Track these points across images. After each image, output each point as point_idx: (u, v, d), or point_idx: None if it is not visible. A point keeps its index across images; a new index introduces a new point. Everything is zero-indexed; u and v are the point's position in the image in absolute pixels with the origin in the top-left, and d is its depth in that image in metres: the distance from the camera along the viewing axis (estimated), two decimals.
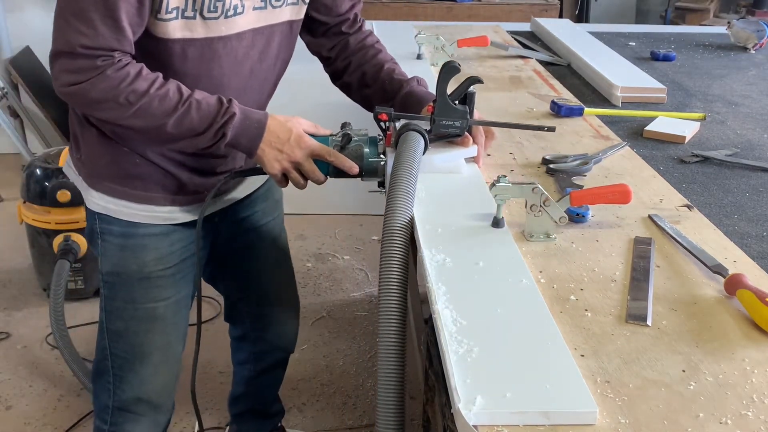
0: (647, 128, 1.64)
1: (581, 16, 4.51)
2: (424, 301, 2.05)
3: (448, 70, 1.29)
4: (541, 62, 2.24)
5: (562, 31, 2.55)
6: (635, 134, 1.64)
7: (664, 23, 4.32)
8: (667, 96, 1.90)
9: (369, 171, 1.35)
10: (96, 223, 1.43)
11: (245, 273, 1.71)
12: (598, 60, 2.13)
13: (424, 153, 1.26)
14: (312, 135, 1.33)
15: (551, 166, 1.38)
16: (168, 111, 1.22)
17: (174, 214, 1.43)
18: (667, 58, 2.34)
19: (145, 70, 1.22)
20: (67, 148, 2.83)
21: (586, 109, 1.71)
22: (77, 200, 2.75)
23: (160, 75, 1.23)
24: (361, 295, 3.01)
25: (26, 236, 2.88)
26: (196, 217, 1.44)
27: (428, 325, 1.23)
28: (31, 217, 2.78)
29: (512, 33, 2.63)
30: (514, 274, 1.00)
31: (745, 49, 2.51)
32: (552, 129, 1.44)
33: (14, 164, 4.17)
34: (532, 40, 2.61)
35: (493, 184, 1.10)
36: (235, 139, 1.27)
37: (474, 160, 1.37)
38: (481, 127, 1.38)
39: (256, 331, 1.82)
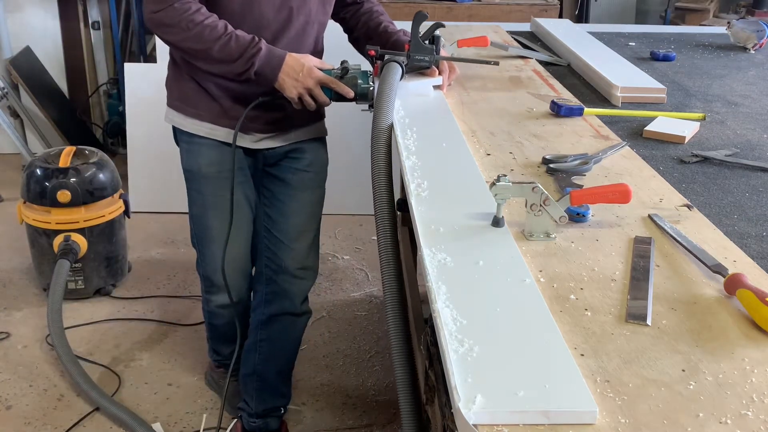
0: (647, 128, 1.64)
1: (581, 16, 4.51)
2: (424, 300, 2.06)
3: (419, 17, 1.71)
4: (541, 62, 2.24)
5: (562, 31, 2.55)
6: (635, 134, 1.64)
7: (664, 23, 4.32)
8: (666, 96, 1.90)
9: (361, 95, 1.75)
10: (174, 131, 1.94)
11: (277, 207, 1.99)
12: (598, 60, 2.13)
13: (401, 79, 1.66)
14: (319, 68, 1.72)
15: (551, 165, 1.37)
16: (215, 38, 1.64)
17: (216, 131, 1.83)
18: (666, 58, 2.34)
19: (204, 9, 1.66)
20: (67, 148, 2.87)
21: (586, 109, 1.71)
22: (77, 200, 2.76)
23: (215, 15, 1.67)
24: (361, 295, 3.01)
25: (26, 236, 2.88)
26: (250, 144, 1.87)
27: (428, 324, 1.23)
28: (31, 217, 2.79)
29: (512, 33, 2.63)
30: (514, 274, 1.00)
31: (744, 49, 2.51)
32: (496, 63, 1.89)
33: (14, 164, 4.17)
34: (532, 40, 2.61)
35: (493, 184, 1.10)
36: (261, 68, 1.67)
37: (440, 87, 1.80)
38: (445, 62, 1.81)
39: (269, 270, 2.02)
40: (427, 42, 1.74)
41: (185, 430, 2.24)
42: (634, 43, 2.57)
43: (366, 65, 1.80)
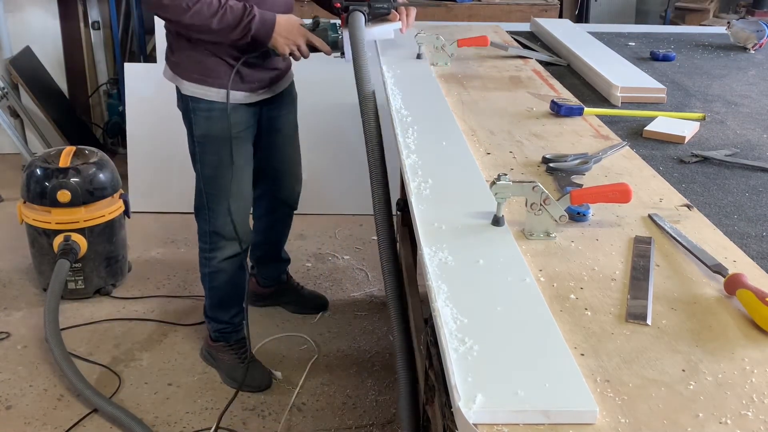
0: (647, 128, 1.64)
1: (581, 16, 4.51)
2: (424, 300, 2.05)
3: None
4: (541, 62, 2.24)
5: (562, 31, 2.55)
6: (635, 134, 1.64)
7: (664, 23, 4.32)
8: (666, 96, 1.90)
9: (332, 44, 2.03)
10: (189, 103, 2.12)
11: (272, 144, 2.39)
12: (598, 60, 2.13)
13: (365, 25, 1.85)
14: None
15: (551, 165, 1.37)
16: (213, 12, 1.88)
17: (236, 96, 2.10)
18: (666, 58, 2.34)
19: None
20: (67, 148, 2.87)
21: (586, 109, 1.71)
22: (77, 200, 2.75)
23: None
24: (361, 295, 3.01)
25: (26, 236, 2.88)
26: (251, 100, 2.17)
27: (428, 324, 1.23)
28: (31, 217, 2.78)
29: (512, 33, 2.63)
30: (514, 273, 1.00)
31: (744, 49, 2.51)
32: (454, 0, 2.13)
33: (14, 164, 4.17)
34: (532, 40, 2.61)
35: (493, 183, 1.10)
36: (256, 32, 1.94)
37: (400, 31, 2.04)
38: (403, 8, 2.05)
39: (272, 190, 2.52)
40: None
41: (185, 430, 2.24)
42: (634, 43, 2.57)
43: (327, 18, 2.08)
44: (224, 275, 2.34)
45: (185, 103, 2.14)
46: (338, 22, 2.03)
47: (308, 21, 2.04)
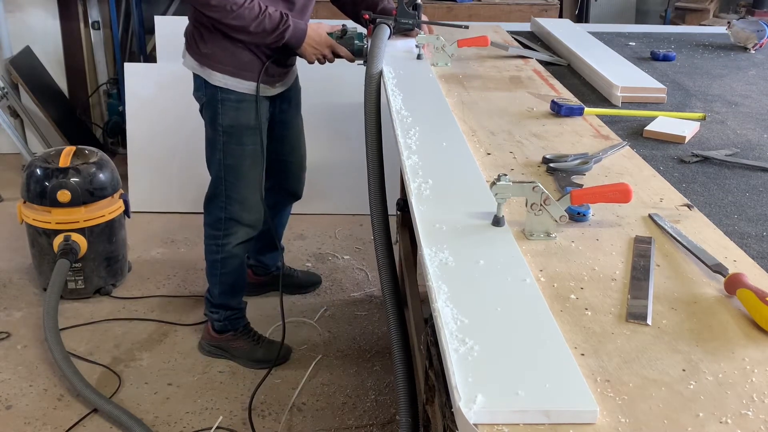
0: (647, 128, 1.64)
1: (581, 16, 4.51)
2: (424, 300, 2.05)
3: None
4: (541, 62, 2.24)
5: (562, 31, 2.55)
6: (635, 134, 1.64)
7: (664, 23, 4.32)
8: (667, 96, 1.89)
9: (357, 52, 2.20)
10: (218, 94, 2.22)
11: (283, 137, 2.52)
12: (598, 60, 2.13)
13: (389, 38, 2.06)
14: (328, 32, 2.19)
15: (551, 165, 1.37)
16: (253, 17, 2.05)
17: (263, 89, 2.25)
18: (667, 58, 2.34)
19: None
20: (67, 148, 2.87)
21: (586, 109, 1.71)
22: (77, 200, 2.75)
23: None
24: (361, 295, 3.01)
25: (26, 236, 2.88)
26: (272, 93, 2.33)
27: (428, 324, 1.23)
28: (31, 217, 2.79)
29: (512, 33, 2.63)
30: (514, 273, 1.00)
31: (745, 49, 2.51)
32: (466, 27, 2.33)
33: (14, 164, 4.17)
34: (532, 40, 2.61)
35: (493, 183, 1.09)
36: (288, 40, 2.13)
37: (422, 47, 2.13)
38: (425, 25, 2.30)
39: (281, 182, 2.63)
40: (410, 8, 2.18)
41: (185, 430, 2.24)
42: (634, 43, 2.57)
43: (358, 28, 2.24)
44: (237, 260, 2.43)
45: (212, 93, 2.22)
46: (365, 31, 2.19)
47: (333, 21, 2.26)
